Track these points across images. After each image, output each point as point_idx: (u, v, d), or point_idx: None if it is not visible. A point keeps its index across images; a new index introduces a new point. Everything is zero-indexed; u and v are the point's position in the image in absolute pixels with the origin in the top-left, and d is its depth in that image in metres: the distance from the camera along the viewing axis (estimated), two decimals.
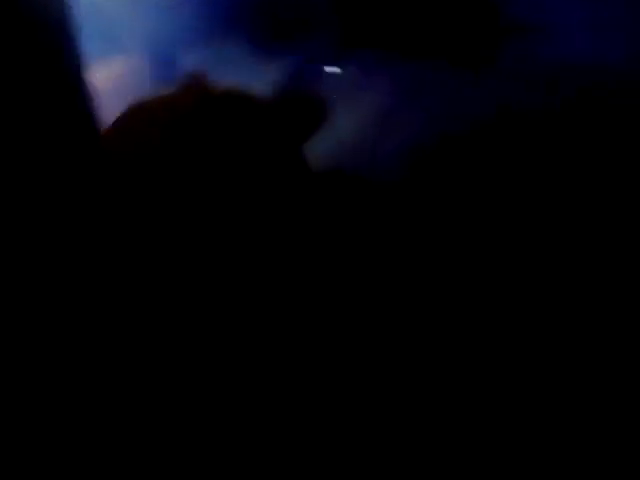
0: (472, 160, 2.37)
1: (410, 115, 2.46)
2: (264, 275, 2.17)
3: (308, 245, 2.24)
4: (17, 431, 1.93)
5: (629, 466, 1.82)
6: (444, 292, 2.15)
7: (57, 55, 2.29)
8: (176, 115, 2.22)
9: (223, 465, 1.96)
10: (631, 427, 1.87)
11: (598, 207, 2.24)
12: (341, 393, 2.02)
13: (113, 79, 2.35)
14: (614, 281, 2.09)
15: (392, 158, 2.41)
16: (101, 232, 2.03)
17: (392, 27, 2.39)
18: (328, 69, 2.45)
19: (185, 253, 2.16)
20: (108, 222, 2.03)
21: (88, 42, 2.34)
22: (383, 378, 2.03)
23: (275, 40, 2.42)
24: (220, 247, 2.18)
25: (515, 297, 2.13)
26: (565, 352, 2.02)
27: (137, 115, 2.26)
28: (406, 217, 2.32)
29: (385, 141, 2.44)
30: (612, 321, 2.04)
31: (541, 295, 2.13)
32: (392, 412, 1.98)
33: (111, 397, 1.98)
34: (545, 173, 2.33)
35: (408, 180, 2.38)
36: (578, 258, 2.15)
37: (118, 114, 2.27)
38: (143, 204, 2.17)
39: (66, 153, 2.20)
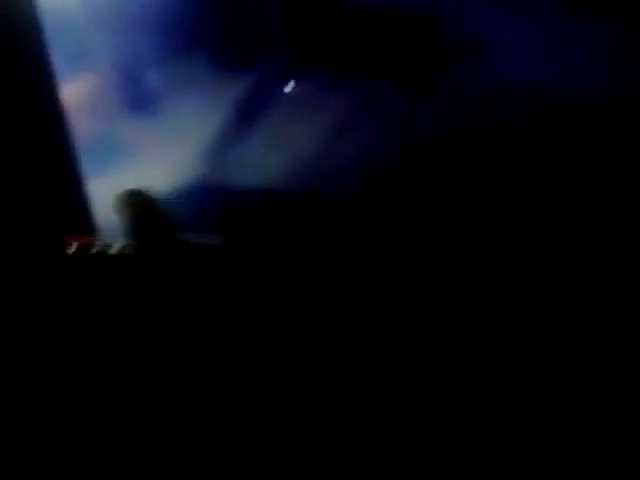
0: (423, 174, 2.51)
1: (362, 131, 2.58)
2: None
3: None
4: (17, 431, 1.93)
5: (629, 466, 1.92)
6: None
7: (28, 72, 2.32)
8: None
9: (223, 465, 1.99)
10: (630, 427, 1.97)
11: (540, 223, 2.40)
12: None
13: (83, 96, 2.38)
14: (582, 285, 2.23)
15: (347, 173, 2.52)
16: None
17: (346, 48, 2.53)
18: (285, 86, 2.56)
19: None
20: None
21: (58, 60, 2.38)
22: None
23: (235, 59, 2.52)
24: None
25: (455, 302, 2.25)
26: (564, 352, 2.13)
27: None
28: (364, 230, 2.43)
29: (340, 157, 2.56)
30: (611, 321, 2.16)
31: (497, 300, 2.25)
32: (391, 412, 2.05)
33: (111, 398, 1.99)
34: (493, 189, 2.48)
35: (364, 194, 2.50)
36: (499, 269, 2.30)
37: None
38: None
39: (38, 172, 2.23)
